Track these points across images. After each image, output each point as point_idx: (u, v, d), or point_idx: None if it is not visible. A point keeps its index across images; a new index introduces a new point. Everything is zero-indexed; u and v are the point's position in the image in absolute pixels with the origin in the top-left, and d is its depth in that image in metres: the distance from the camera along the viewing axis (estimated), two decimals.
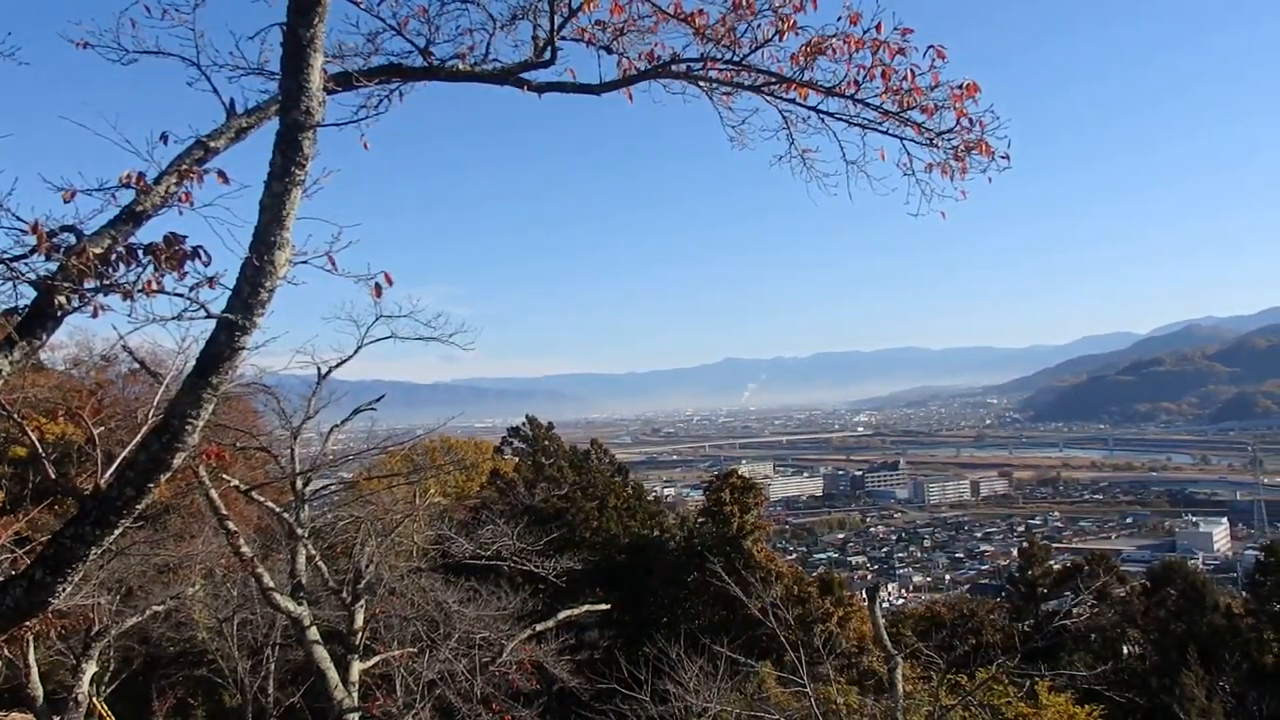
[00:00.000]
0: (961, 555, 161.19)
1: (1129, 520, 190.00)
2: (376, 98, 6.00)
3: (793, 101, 6.24)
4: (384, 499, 17.26)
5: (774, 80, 6.12)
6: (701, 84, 6.36)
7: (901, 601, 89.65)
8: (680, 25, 6.05)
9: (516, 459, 39.15)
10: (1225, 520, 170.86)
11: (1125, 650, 30.47)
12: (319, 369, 14.68)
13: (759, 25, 5.93)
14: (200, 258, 4.64)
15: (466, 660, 16.02)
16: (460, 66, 6.04)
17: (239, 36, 5.40)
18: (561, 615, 18.32)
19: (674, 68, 6.22)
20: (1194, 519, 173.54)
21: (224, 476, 14.07)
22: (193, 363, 4.93)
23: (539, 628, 17.87)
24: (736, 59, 6.08)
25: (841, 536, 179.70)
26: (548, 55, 6.09)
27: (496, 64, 6.10)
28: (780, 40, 5.91)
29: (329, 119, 5.12)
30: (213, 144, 5.17)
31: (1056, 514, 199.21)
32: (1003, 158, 6.11)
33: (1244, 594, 35.72)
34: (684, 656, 15.16)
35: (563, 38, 6.09)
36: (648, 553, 33.56)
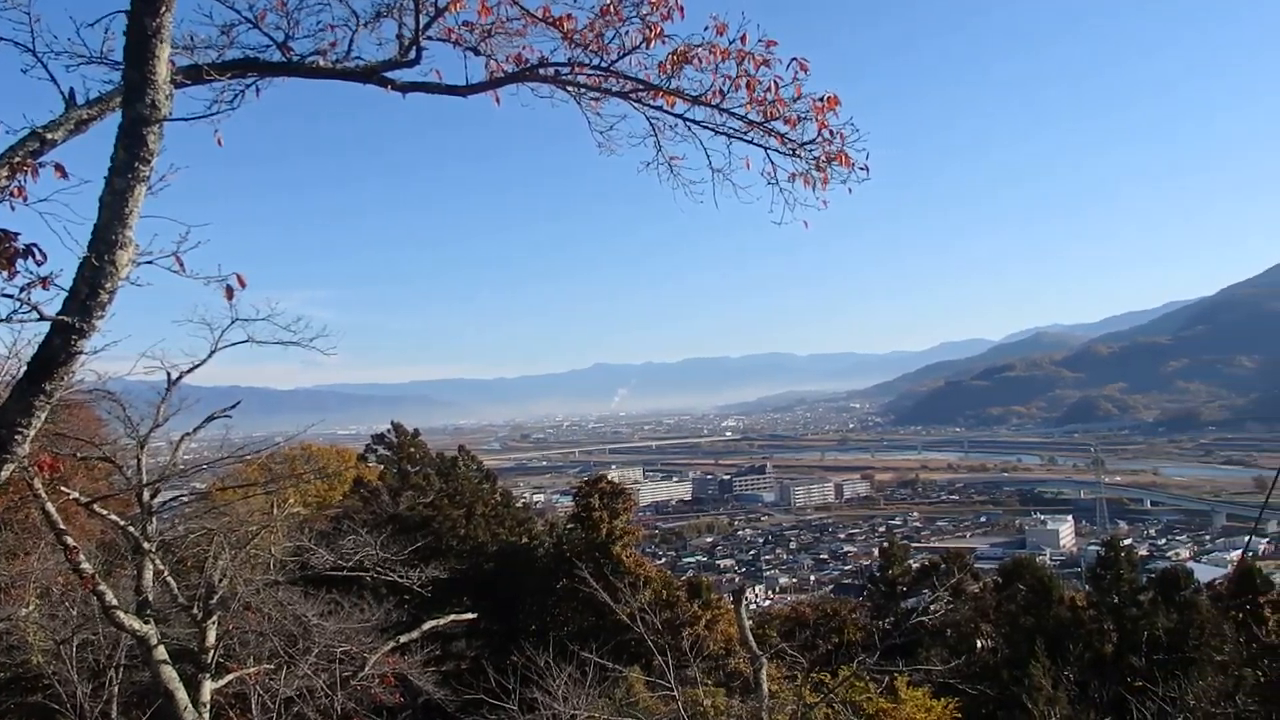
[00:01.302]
0: (826, 556, 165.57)
1: (983, 519, 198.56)
2: (231, 92, 5.77)
3: (660, 109, 6.29)
4: (239, 510, 16.58)
5: (641, 87, 6.16)
6: (569, 89, 6.35)
7: (768, 603, 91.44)
8: (548, 29, 6.02)
9: (381, 467, 38.18)
10: (1070, 518, 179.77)
11: (979, 644, 31.74)
12: (169, 374, 13.96)
13: (627, 32, 5.95)
14: (34, 256, 4.40)
15: (327, 675, 15.55)
16: (321, 63, 5.85)
17: (80, 23, 5.11)
18: (427, 626, 17.98)
19: (542, 71, 6.19)
20: (1042, 517, 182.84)
21: (62, 489, 13.25)
22: (25, 368, 4.65)
23: (403, 639, 17.49)
24: (604, 65, 6.09)
25: (710, 540, 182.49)
26: (413, 55, 5.96)
27: (359, 62, 5.94)
28: (647, 48, 5.95)
29: (178, 113, 4.90)
30: (50, 136, 4.88)
31: (915, 514, 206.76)
32: (861, 169, 6.28)
33: (1086, 588, 37.58)
34: (553, 664, 15.05)
35: (429, 38, 5.97)
36: (516, 560, 33.27)
